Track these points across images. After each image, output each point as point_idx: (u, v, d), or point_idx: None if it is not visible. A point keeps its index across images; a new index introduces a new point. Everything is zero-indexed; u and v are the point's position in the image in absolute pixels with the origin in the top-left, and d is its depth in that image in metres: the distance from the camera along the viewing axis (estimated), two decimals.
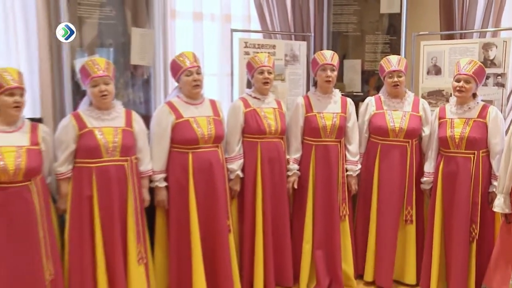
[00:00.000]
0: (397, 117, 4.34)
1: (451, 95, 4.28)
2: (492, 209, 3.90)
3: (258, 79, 4.26)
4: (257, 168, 4.24)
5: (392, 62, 4.37)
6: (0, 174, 3.21)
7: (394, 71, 4.33)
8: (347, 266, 4.47)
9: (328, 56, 4.35)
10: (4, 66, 3.55)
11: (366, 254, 4.50)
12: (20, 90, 3.33)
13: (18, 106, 3.32)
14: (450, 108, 4.20)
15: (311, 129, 4.37)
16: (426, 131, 4.38)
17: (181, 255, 4.02)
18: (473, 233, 4.08)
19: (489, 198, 4.07)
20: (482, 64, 4.12)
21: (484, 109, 4.08)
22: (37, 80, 4.13)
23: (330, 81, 4.33)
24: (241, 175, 4.25)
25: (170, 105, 3.99)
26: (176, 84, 4.16)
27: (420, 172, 4.39)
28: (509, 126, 4.36)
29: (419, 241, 4.44)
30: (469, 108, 4.09)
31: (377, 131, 4.41)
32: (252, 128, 4.21)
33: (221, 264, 4.05)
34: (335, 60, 4.36)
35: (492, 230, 4.12)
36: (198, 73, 3.98)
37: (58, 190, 3.70)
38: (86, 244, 3.65)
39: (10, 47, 4.03)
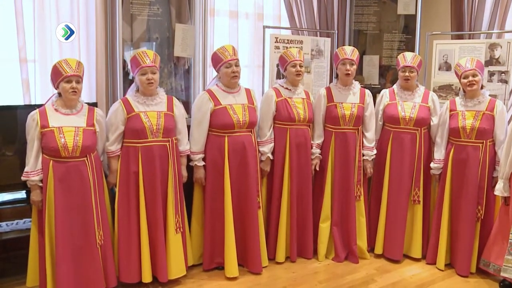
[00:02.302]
0: (407, 108, 4.31)
1: (459, 89, 4.24)
2: (494, 192, 3.94)
3: (291, 71, 4.23)
4: (286, 151, 4.23)
5: (407, 58, 4.32)
6: (61, 150, 3.28)
7: (406, 66, 4.29)
8: (361, 241, 4.47)
9: (349, 51, 4.31)
10: (67, 57, 3.60)
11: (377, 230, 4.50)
12: (76, 77, 3.36)
13: (75, 91, 3.36)
14: (460, 101, 4.16)
15: (331, 117, 4.34)
16: (434, 120, 4.34)
17: (215, 227, 4.07)
18: (479, 214, 4.08)
19: (492, 183, 4.05)
20: (479, 59, 4.17)
21: (491, 103, 4.05)
22: (94, 70, 4.19)
23: (349, 74, 4.29)
24: (271, 157, 4.25)
25: (210, 93, 4.00)
26: (214, 73, 4.17)
27: (429, 158, 4.37)
28: (510, 118, 4.31)
29: (425, 220, 4.44)
30: (479, 102, 4.06)
31: (389, 119, 4.38)
32: (282, 115, 4.20)
33: (251, 236, 4.07)
34: (355, 55, 4.31)
35: (493, 211, 4.11)
36: (237, 65, 3.98)
37: (109, 166, 3.76)
38: (133, 213, 3.71)
39: (74, 41, 4.06)
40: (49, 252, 3.35)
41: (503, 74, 4.56)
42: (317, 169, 4.41)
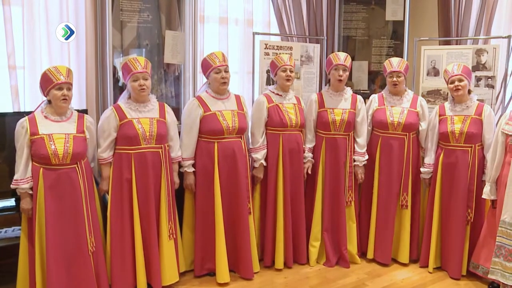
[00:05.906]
0: (396, 113, 4.30)
1: (447, 94, 4.25)
2: (482, 196, 3.95)
3: (281, 76, 4.21)
4: (279, 158, 4.20)
5: (393, 63, 4.32)
6: (52, 157, 3.24)
7: (394, 71, 4.29)
8: (352, 246, 4.46)
9: (342, 57, 4.30)
10: (57, 64, 3.56)
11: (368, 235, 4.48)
12: (67, 85, 3.33)
13: (65, 99, 3.32)
14: (449, 106, 4.18)
15: (322, 123, 4.33)
16: (423, 125, 4.33)
17: (206, 233, 4.03)
18: (468, 217, 4.09)
19: (482, 186, 4.04)
20: (466, 65, 4.19)
21: (479, 107, 4.08)
22: (84, 76, 4.14)
23: (341, 80, 4.28)
24: (264, 164, 4.21)
25: (199, 99, 3.97)
26: (204, 80, 4.14)
27: (417, 163, 4.37)
28: (497, 123, 4.32)
29: (413, 225, 4.43)
30: (467, 106, 4.08)
31: (378, 124, 4.37)
32: (275, 121, 4.17)
33: (241, 242, 4.04)
34: (348, 62, 4.31)
35: (483, 214, 4.12)
36: (226, 71, 3.96)
37: (101, 173, 3.71)
38: (126, 220, 3.67)
39: (63, 48, 4.04)
40: (39, 260, 3.28)
41: (489, 79, 4.57)
42: (309, 172, 4.38)
